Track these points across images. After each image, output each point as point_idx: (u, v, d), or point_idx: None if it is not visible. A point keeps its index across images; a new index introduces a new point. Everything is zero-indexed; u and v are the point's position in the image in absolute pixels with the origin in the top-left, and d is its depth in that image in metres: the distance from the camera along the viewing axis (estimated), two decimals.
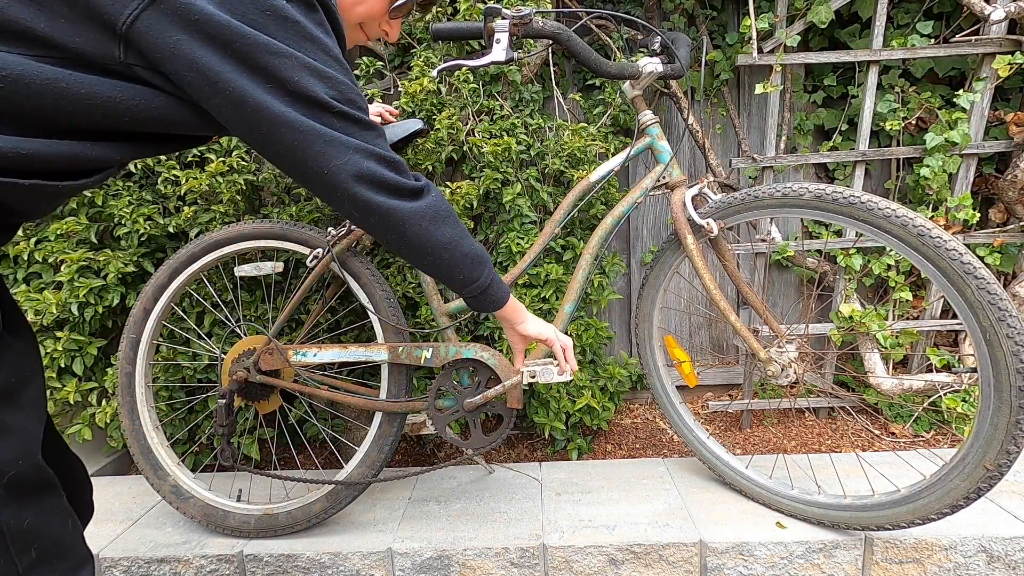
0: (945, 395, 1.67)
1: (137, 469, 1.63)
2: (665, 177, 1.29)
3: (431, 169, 1.58)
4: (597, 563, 1.25)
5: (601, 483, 1.48)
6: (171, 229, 1.59)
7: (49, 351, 1.57)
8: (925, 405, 1.72)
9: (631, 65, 1.21)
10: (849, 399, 1.79)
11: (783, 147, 1.78)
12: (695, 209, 1.26)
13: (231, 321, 1.62)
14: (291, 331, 1.68)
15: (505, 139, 1.54)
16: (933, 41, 1.63)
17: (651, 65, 1.22)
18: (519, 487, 1.49)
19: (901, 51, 1.59)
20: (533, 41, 1.64)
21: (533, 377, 1.19)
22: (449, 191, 1.56)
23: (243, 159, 1.58)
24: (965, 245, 1.22)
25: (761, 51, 1.64)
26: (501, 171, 1.58)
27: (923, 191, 1.66)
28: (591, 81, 1.78)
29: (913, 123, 1.68)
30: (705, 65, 1.78)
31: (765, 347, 1.25)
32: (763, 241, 1.77)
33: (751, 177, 1.81)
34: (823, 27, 1.60)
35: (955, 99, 1.60)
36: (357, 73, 1.71)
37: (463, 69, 1.51)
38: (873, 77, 1.62)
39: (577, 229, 1.70)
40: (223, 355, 1.37)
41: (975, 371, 1.66)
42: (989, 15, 1.51)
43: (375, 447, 1.32)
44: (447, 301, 1.40)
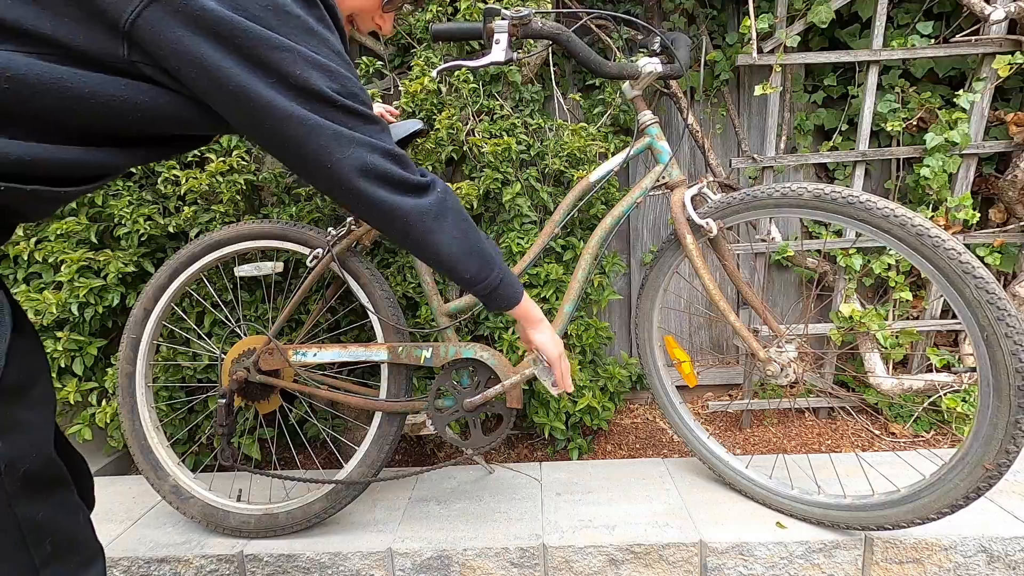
0: (945, 395, 1.67)
1: (137, 469, 1.63)
2: (665, 177, 1.29)
3: (431, 169, 1.58)
4: (597, 563, 1.25)
5: (601, 483, 1.48)
6: (171, 229, 1.59)
7: (49, 351, 1.57)
8: (925, 405, 1.72)
9: (631, 65, 1.21)
10: (849, 399, 1.79)
11: (783, 147, 1.78)
12: (695, 209, 1.26)
13: (231, 321, 1.62)
14: (291, 331, 1.68)
15: (505, 139, 1.54)
16: (933, 41, 1.63)
17: (651, 65, 1.22)
18: (519, 487, 1.49)
19: (901, 51, 1.59)
20: (533, 41, 1.64)
21: (533, 377, 1.19)
22: None
23: (243, 159, 1.59)
24: (965, 245, 1.22)
25: (761, 51, 1.64)
26: (501, 171, 1.58)
27: (923, 191, 1.66)
28: (591, 81, 1.78)
29: (913, 123, 1.68)
30: (705, 65, 1.78)
31: (765, 347, 1.25)
32: (763, 241, 1.77)
33: (751, 177, 1.81)
34: (823, 27, 1.60)
35: (955, 99, 1.60)
36: (357, 73, 1.71)
37: (463, 69, 1.51)
38: (873, 77, 1.62)
39: (577, 229, 1.70)
40: (223, 355, 1.37)
41: (974, 371, 1.66)
42: (989, 15, 1.51)
43: (375, 447, 1.32)
44: (447, 301, 1.40)
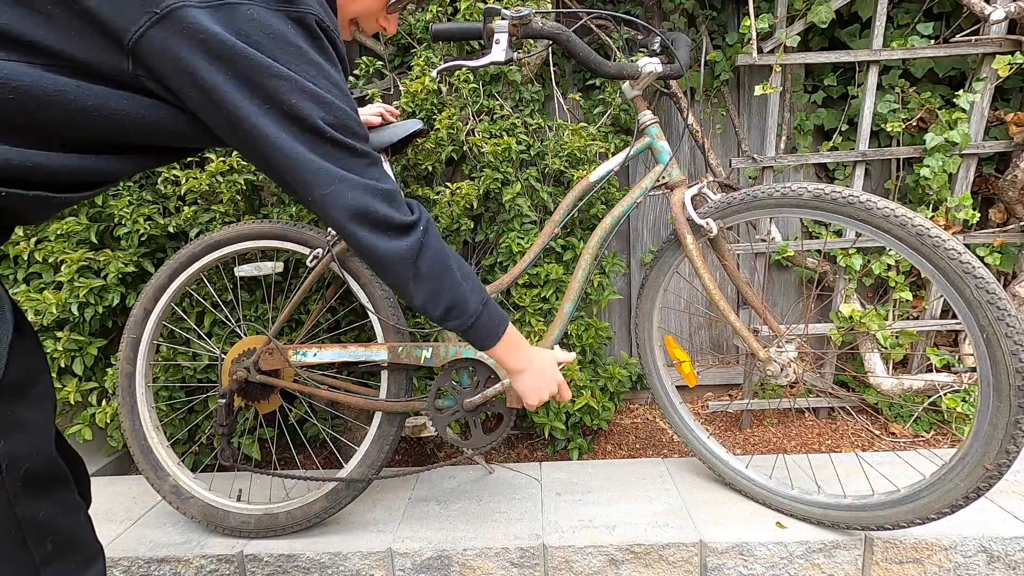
0: (945, 395, 1.67)
1: (137, 469, 1.63)
2: (665, 177, 1.29)
3: (431, 169, 1.58)
4: (597, 563, 1.25)
5: (601, 483, 1.48)
6: (171, 229, 1.59)
7: (49, 351, 1.57)
8: (925, 405, 1.72)
9: (631, 65, 1.21)
10: (849, 399, 1.79)
11: (783, 147, 1.78)
12: (695, 209, 1.26)
13: (231, 321, 1.62)
14: (291, 331, 1.68)
15: (505, 139, 1.54)
16: (933, 41, 1.63)
17: (651, 65, 1.22)
18: (519, 487, 1.49)
19: (901, 51, 1.59)
20: (533, 41, 1.64)
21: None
22: (449, 191, 1.56)
23: (243, 159, 1.59)
24: (965, 245, 1.22)
25: (761, 51, 1.64)
26: (501, 171, 1.58)
27: (923, 191, 1.66)
28: (591, 81, 1.78)
29: (913, 123, 1.68)
30: (705, 65, 1.78)
31: (765, 347, 1.25)
32: (763, 241, 1.77)
33: (751, 177, 1.81)
34: (823, 27, 1.60)
35: (955, 99, 1.60)
36: (357, 73, 1.71)
37: (463, 69, 1.51)
38: (873, 77, 1.62)
39: (577, 229, 1.70)
40: (223, 355, 1.37)
41: (975, 371, 1.66)
42: (989, 15, 1.51)
43: (375, 447, 1.32)
44: None
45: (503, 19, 1.11)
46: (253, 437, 1.70)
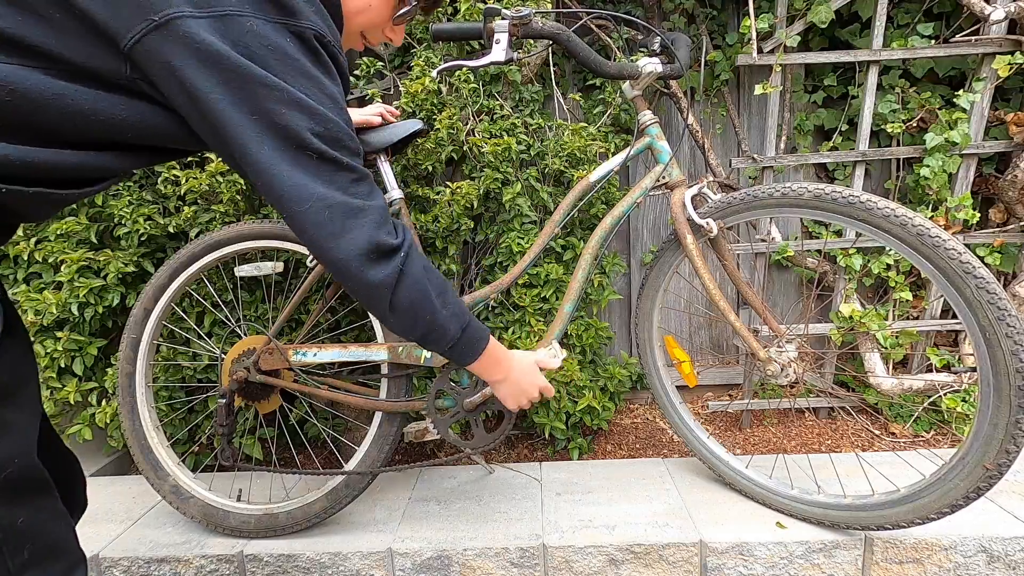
0: (945, 395, 1.67)
1: (137, 469, 1.63)
2: (665, 177, 1.29)
3: (431, 169, 1.58)
4: (597, 563, 1.25)
5: (601, 483, 1.48)
6: (171, 229, 1.59)
7: (49, 351, 1.57)
8: (925, 405, 1.72)
9: (631, 65, 1.21)
10: (849, 399, 1.79)
11: (783, 147, 1.78)
12: (695, 209, 1.26)
13: (231, 321, 1.62)
14: (291, 331, 1.68)
15: (505, 139, 1.54)
16: (933, 41, 1.63)
17: (651, 65, 1.22)
18: (519, 487, 1.49)
19: (901, 51, 1.59)
20: (533, 41, 1.64)
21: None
22: (449, 191, 1.56)
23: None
24: (965, 245, 1.22)
25: (761, 51, 1.64)
26: (501, 171, 1.58)
27: (923, 191, 1.66)
28: (591, 81, 1.78)
29: (913, 123, 1.68)
30: (705, 65, 1.78)
31: (765, 347, 1.25)
32: (763, 241, 1.77)
33: (751, 177, 1.82)
34: (823, 27, 1.60)
35: (955, 99, 1.60)
36: (357, 73, 1.71)
37: (463, 69, 1.51)
38: (873, 77, 1.61)
39: (577, 229, 1.70)
40: (223, 355, 1.37)
41: (975, 371, 1.66)
42: (989, 15, 1.51)
43: (375, 447, 1.32)
44: None
45: (503, 19, 1.11)
46: (253, 437, 1.70)
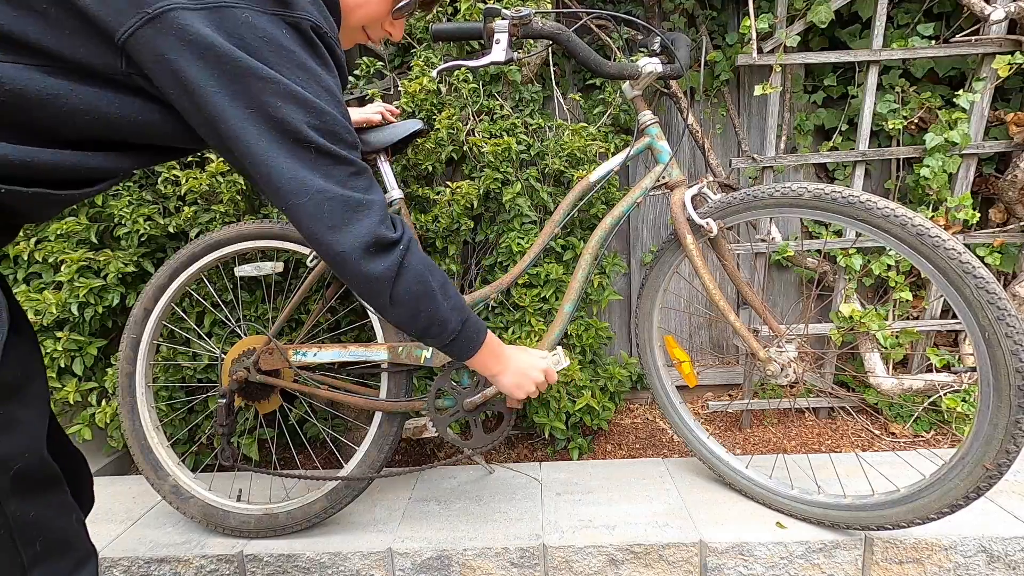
0: (945, 395, 1.67)
1: (137, 469, 1.63)
2: (665, 177, 1.29)
3: (431, 169, 1.58)
4: (597, 563, 1.25)
5: (601, 483, 1.48)
6: (171, 229, 1.59)
7: (49, 351, 1.57)
8: (925, 405, 1.72)
9: (630, 65, 1.21)
10: (849, 399, 1.79)
11: (783, 147, 1.78)
12: (695, 209, 1.26)
13: (231, 321, 1.62)
14: (291, 331, 1.68)
15: (505, 139, 1.54)
16: (933, 41, 1.63)
17: (651, 65, 1.22)
18: (519, 487, 1.49)
19: (901, 51, 1.59)
20: (533, 41, 1.64)
21: None
22: (449, 191, 1.56)
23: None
24: (965, 245, 1.22)
25: (761, 51, 1.64)
26: (501, 171, 1.58)
27: (923, 191, 1.66)
28: (591, 81, 1.78)
29: (913, 123, 1.68)
30: (705, 65, 1.78)
31: (765, 347, 1.25)
32: (763, 241, 1.77)
33: (751, 177, 1.81)
34: (823, 27, 1.60)
35: (955, 99, 1.60)
36: (357, 73, 1.71)
37: (463, 69, 1.51)
38: (873, 77, 1.61)
39: (577, 229, 1.70)
40: (223, 355, 1.37)
41: (975, 371, 1.66)
42: (989, 15, 1.51)
43: (375, 447, 1.32)
44: None
45: (503, 19, 1.11)
46: (253, 437, 1.70)
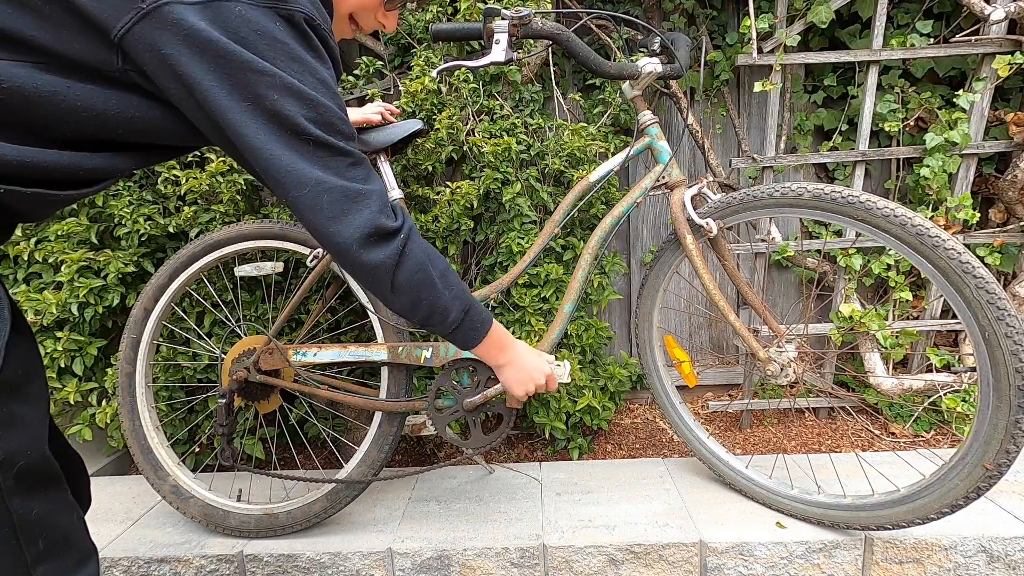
0: (945, 395, 1.67)
1: (137, 469, 1.63)
2: (664, 177, 1.29)
3: (431, 169, 1.58)
4: (597, 563, 1.25)
5: (601, 483, 1.48)
6: (171, 229, 1.59)
7: (49, 351, 1.57)
8: (925, 405, 1.72)
9: (630, 65, 1.21)
10: (849, 399, 1.79)
11: (783, 147, 1.78)
12: (694, 209, 1.26)
13: (231, 321, 1.62)
14: (291, 331, 1.68)
15: (505, 139, 1.54)
16: (933, 41, 1.63)
17: (650, 65, 1.22)
18: (519, 487, 1.49)
19: (901, 51, 1.59)
20: (533, 41, 1.64)
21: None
22: (449, 191, 1.56)
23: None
24: (965, 245, 1.22)
25: (761, 51, 1.64)
26: (501, 171, 1.58)
27: (923, 191, 1.66)
28: (591, 81, 1.78)
29: (913, 123, 1.68)
30: (705, 65, 1.78)
31: (765, 347, 1.25)
32: (763, 241, 1.77)
33: (751, 177, 1.81)
34: (823, 27, 1.60)
35: (955, 99, 1.60)
36: (357, 73, 1.71)
37: (463, 69, 1.51)
38: (873, 77, 1.61)
39: (577, 229, 1.70)
40: (223, 355, 1.37)
41: (975, 371, 1.66)
42: (989, 15, 1.51)
43: (375, 447, 1.32)
44: None
45: (503, 19, 1.11)
46: (253, 437, 1.70)
